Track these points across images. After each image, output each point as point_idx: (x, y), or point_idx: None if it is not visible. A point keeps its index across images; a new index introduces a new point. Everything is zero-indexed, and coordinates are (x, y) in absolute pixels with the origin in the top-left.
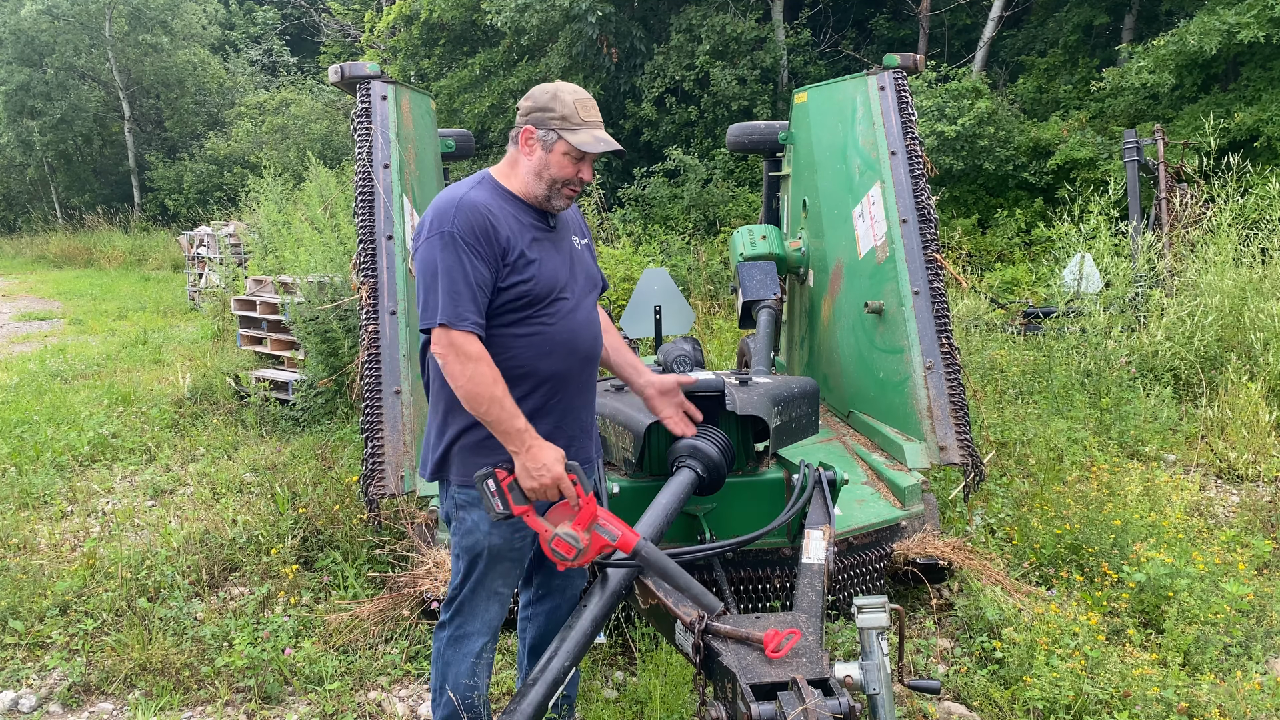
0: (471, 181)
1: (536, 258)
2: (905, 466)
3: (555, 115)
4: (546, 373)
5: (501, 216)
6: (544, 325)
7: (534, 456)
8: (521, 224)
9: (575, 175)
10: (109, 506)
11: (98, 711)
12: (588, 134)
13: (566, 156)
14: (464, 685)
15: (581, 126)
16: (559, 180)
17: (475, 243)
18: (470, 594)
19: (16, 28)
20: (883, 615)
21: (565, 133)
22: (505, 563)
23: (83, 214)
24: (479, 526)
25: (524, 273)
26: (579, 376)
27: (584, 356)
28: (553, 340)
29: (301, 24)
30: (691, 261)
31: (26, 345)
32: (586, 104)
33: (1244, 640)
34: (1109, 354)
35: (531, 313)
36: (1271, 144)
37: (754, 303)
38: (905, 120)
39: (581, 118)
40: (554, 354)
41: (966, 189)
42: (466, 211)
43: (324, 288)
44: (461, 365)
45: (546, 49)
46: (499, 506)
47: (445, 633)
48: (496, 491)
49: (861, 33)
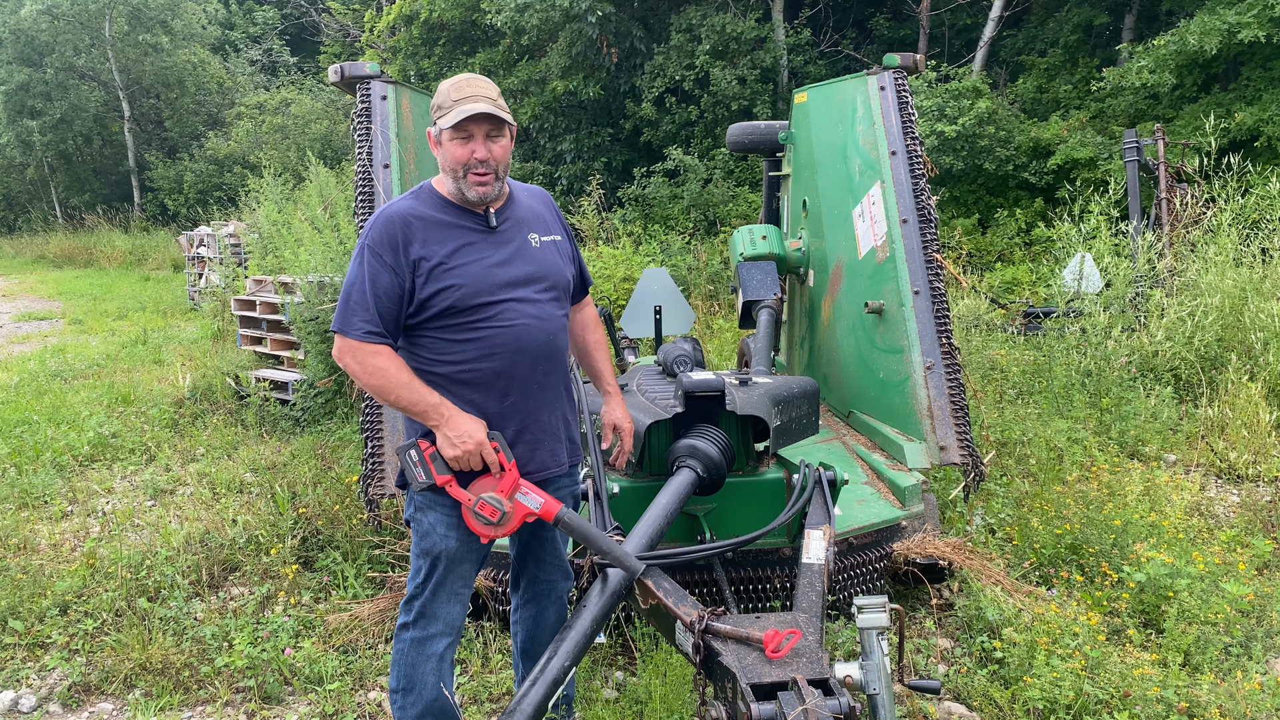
0: (411, 191)
1: (462, 264)
2: (905, 466)
3: (436, 109)
4: (491, 375)
5: (423, 226)
6: (482, 329)
7: (453, 425)
8: (450, 229)
9: (470, 156)
10: (109, 506)
11: (98, 711)
12: (454, 112)
13: (452, 142)
14: (430, 684)
15: (451, 108)
16: (458, 167)
17: (383, 253)
18: (431, 596)
19: (16, 28)
20: (883, 615)
21: (440, 120)
22: (464, 565)
23: (83, 214)
24: (435, 529)
25: (441, 281)
26: (531, 377)
27: (534, 356)
28: (493, 343)
29: (301, 24)
30: (691, 261)
31: (26, 345)
32: (463, 84)
33: (1244, 640)
34: (1109, 354)
35: (465, 319)
36: (1272, 144)
37: (754, 303)
38: (905, 120)
39: (453, 98)
40: (496, 355)
41: (967, 189)
42: (382, 224)
43: (324, 288)
44: (359, 366)
45: (546, 49)
46: (421, 477)
47: (409, 634)
48: (419, 462)
49: (861, 33)
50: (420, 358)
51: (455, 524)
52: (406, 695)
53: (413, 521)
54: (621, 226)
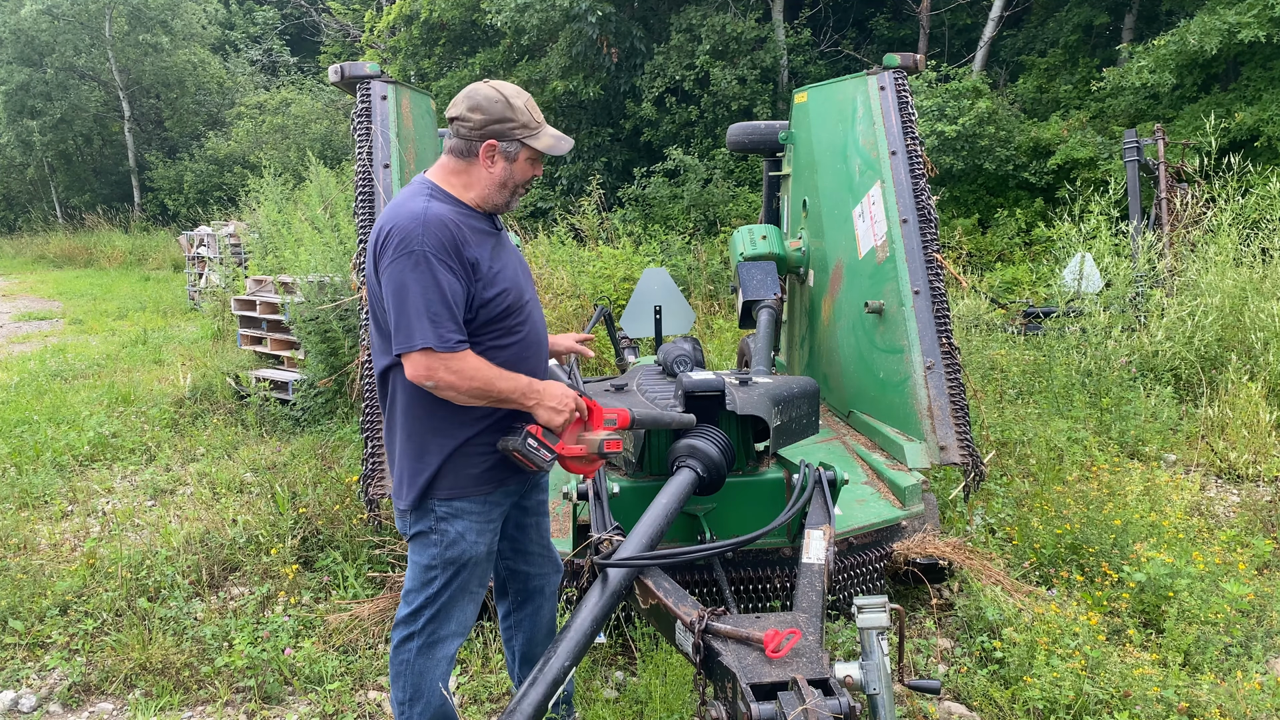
0: (422, 193)
1: (500, 266)
2: (905, 466)
3: (516, 124)
4: (528, 374)
5: (467, 229)
6: (521, 330)
7: (550, 394)
8: (478, 234)
9: (534, 175)
10: (109, 506)
11: (98, 711)
12: (549, 137)
13: (529, 161)
14: (437, 691)
15: (539, 128)
16: (521, 184)
17: (447, 258)
18: (449, 600)
19: (16, 28)
20: (883, 615)
21: (530, 140)
22: (484, 564)
23: (83, 214)
24: (465, 537)
25: (497, 285)
26: (545, 373)
27: (544, 352)
28: (527, 343)
29: (301, 24)
30: (691, 261)
31: (26, 345)
32: (533, 103)
33: (1244, 640)
34: (1109, 354)
35: (512, 321)
36: (1272, 144)
37: (754, 302)
38: (905, 120)
39: (537, 120)
40: (529, 357)
41: (967, 189)
42: (435, 229)
43: (324, 288)
44: (458, 378)
45: (546, 49)
46: (547, 456)
47: (414, 643)
48: (538, 446)
49: (861, 32)
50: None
51: (485, 528)
52: (414, 705)
53: (431, 533)
54: (621, 226)
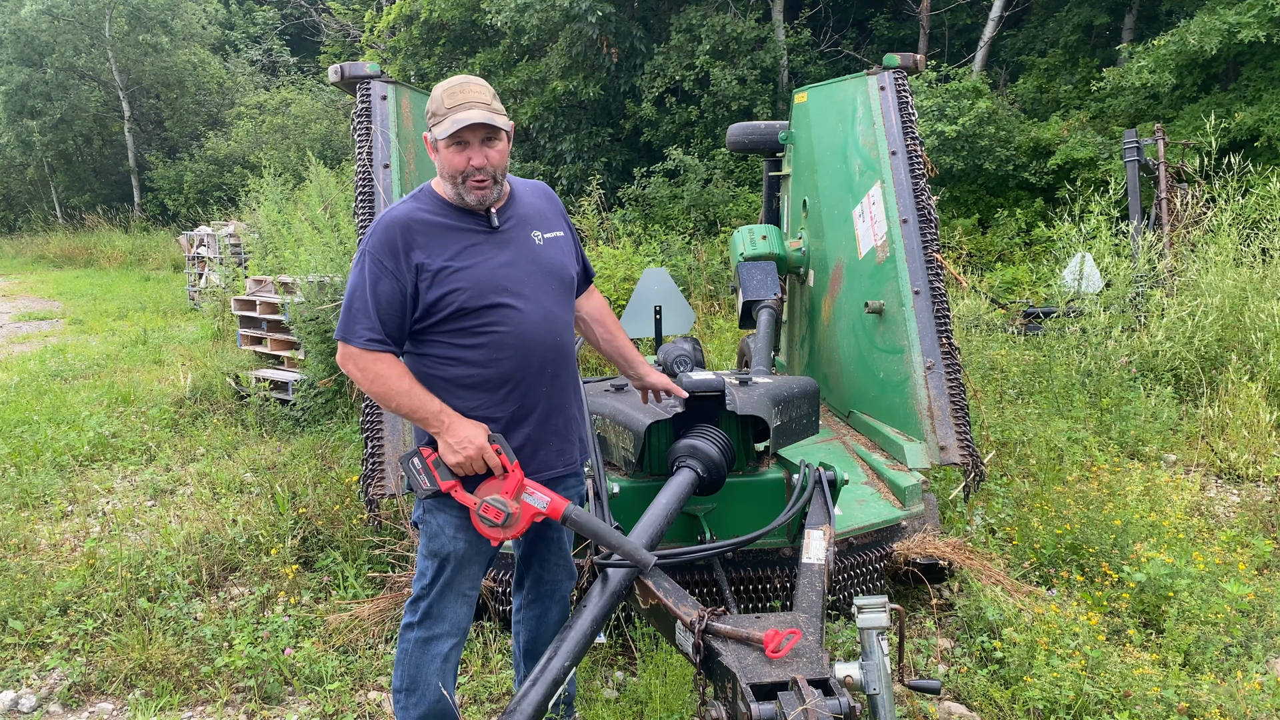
0: (412, 194)
1: (465, 266)
2: (905, 466)
3: (430, 115)
4: (500, 377)
5: (424, 230)
6: (490, 331)
7: (454, 432)
8: (452, 232)
9: (467, 164)
10: (109, 506)
11: (98, 711)
12: (448, 121)
13: (449, 150)
14: (434, 686)
15: (445, 116)
16: (456, 174)
17: (384, 259)
18: (439, 596)
19: (16, 28)
20: (883, 615)
21: (435, 128)
22: (472, 566)
23: (83, 214)
24: (444, 531)
25: (446, 285)
26: (540, 378)
27: (542, 356)
28: (501, 345)
29: (301, 24)
30: (691, 261)
31: (26, 345)
32: (456, 90)
33: (1244, 640)
34: (1109, 354)
35: (473, 322)
36: (1272, 144)
37: (754, 303)
38: (905, 120)
39: (446, 105)
40: (504, 359)
41: (967, 189)
42: (383, 229)
43: (324, 288)
44: (361, 373)
45: (546, 49)
46: (426, 484)
47: (414, 634)
48: (422, 469)
49: (861, 33)
50: (429, 362)
51: (464, 526)
52: (410, 695)
53: (421, 523)
54: (621, 226)
